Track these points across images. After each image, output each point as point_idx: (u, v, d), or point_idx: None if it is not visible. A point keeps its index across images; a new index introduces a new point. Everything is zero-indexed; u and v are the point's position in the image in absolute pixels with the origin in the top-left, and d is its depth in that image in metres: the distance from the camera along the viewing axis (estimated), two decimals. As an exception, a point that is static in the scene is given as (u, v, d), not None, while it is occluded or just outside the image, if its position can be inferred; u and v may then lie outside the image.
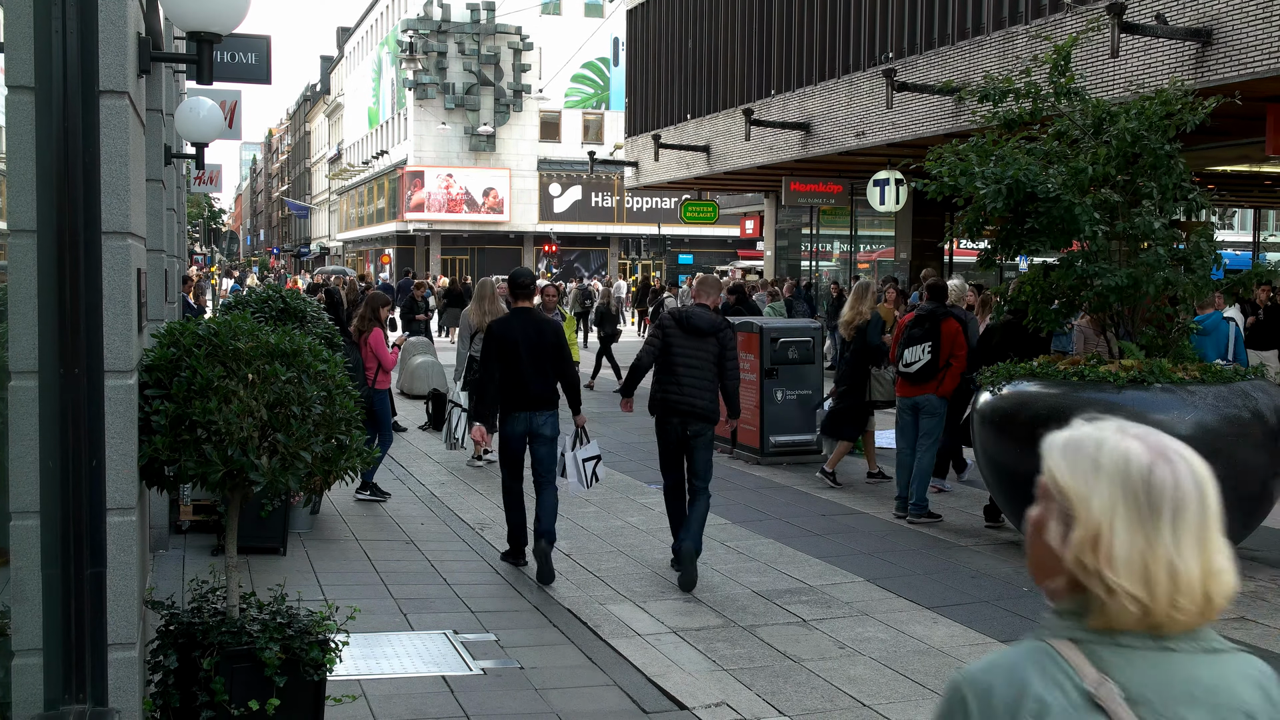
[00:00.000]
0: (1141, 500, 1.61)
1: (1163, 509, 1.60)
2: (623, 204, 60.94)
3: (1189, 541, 1.60)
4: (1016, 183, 8.32)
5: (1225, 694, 1.61)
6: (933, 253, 24.64)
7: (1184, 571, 1.59)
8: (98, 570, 3.54)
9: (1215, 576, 1.61)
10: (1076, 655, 1.62)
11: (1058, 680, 1.61)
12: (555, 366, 8.20)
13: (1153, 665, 1.61)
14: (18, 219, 3.52)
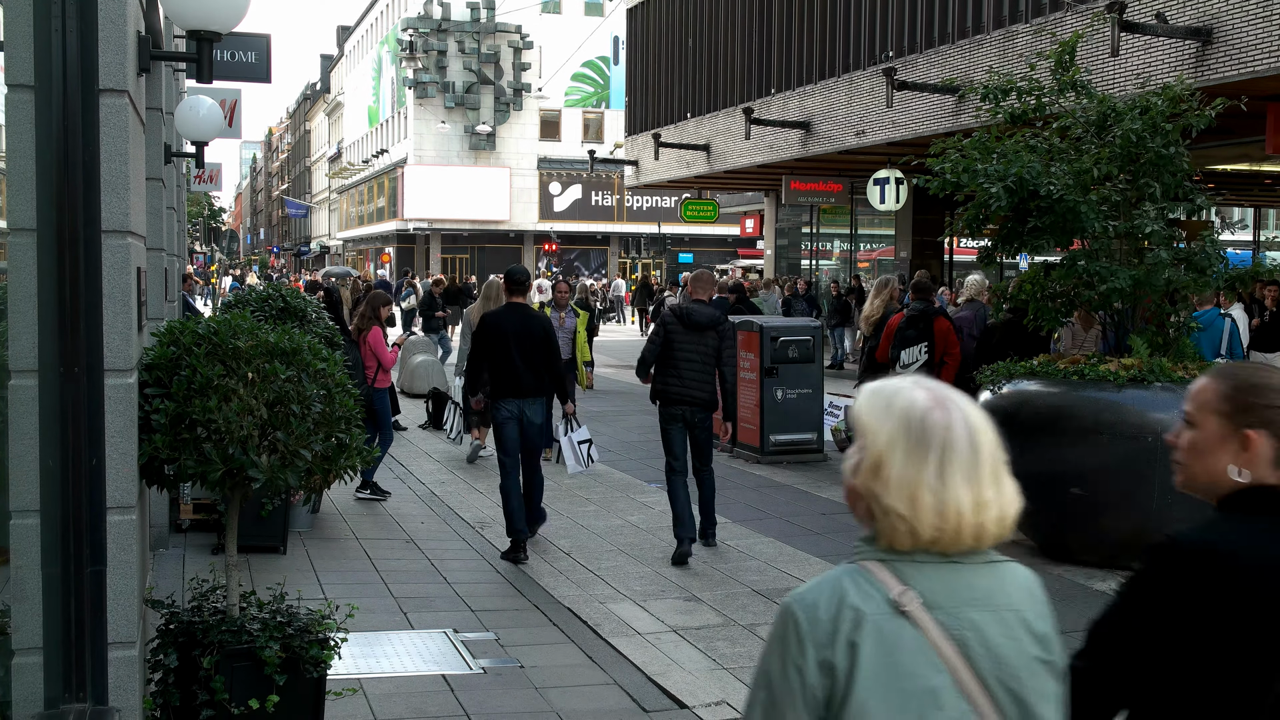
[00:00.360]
0: (916, 437, 1.92)
1: (932, 446, 1.91)
2: (623, 203, 60.94)
3: (956, 475, 1.91)
4: (1020, 180, 8.31)
5: (1000, 595, 1.98)
6: (933, 251, 24.63)
7: (949, 500, 1.90)
8: (98, 569, 3.54)
9: (983, 506, 1.93)
10: (883, 572, 1.94)
11: (869, 593, 1.92)
12: (543, 358, 8.62)
13: (942, 577, 1.94)
14: (17, 217, 3.52)
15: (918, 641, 1.91)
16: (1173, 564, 2.21)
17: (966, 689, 1.91)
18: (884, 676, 1.89)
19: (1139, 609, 2.24)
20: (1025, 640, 2.00)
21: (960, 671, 1.91)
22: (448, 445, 13.49)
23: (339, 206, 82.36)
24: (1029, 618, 2.02)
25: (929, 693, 1.89)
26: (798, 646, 1.92)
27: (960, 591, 1.95)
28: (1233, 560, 2.14)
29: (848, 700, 1.89)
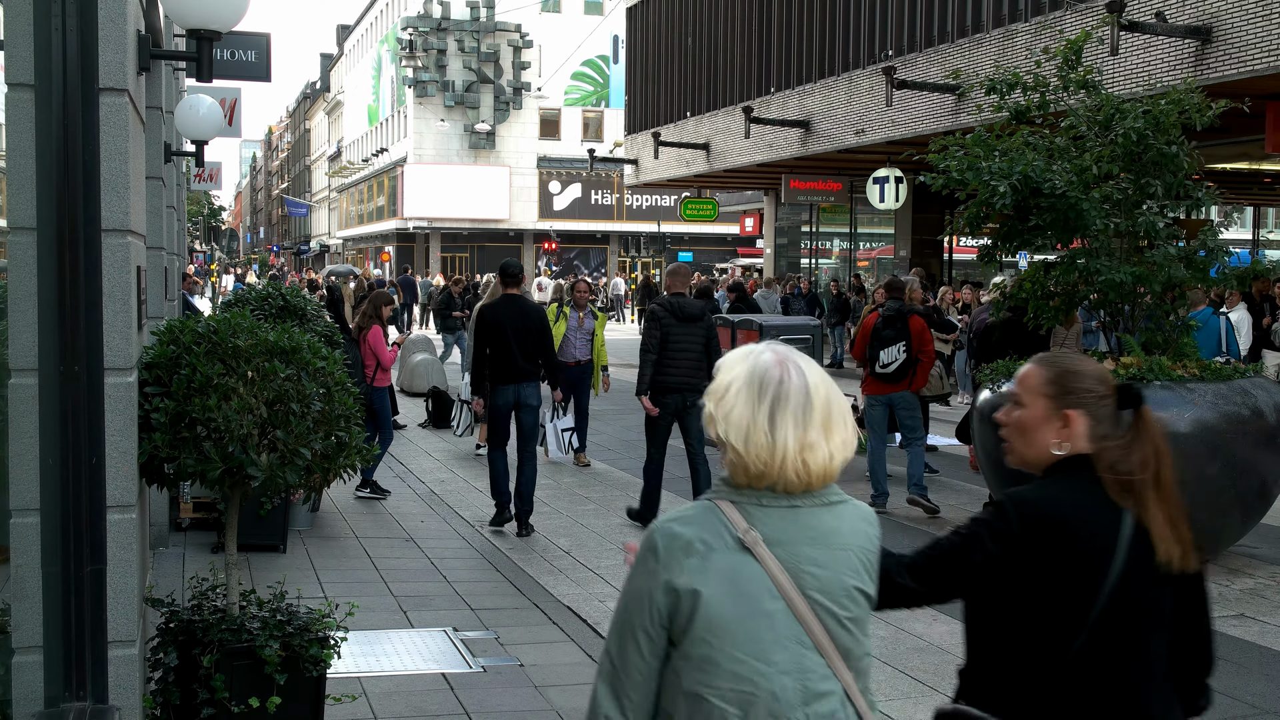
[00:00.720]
0: (757, 387, 2.25)
1: (767, 395, 2.24)
2: (622, 202, 60.93)
3: (786, 422, 2.22)
4: (1025, 177, 8.30)
5: (836, 535, 2.28)
6: (932, 250, 24.64)
7: (778, 440, 2.22)
8: (98, 568, 3.54)
9: (810, 448, 2.23)
10: (732, 511, 2.26)
11: (719, 529, 2.25)
12: (538, 346, 9.23)
13: (784, 517, 2.26)
14: (17, 216, 3.52)
15: (758, 573, 2.23)
16: (1008, 516, 2.55)
17: (799, 613, 2.24)
18: (727, 601, 2.21)
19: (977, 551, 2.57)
20: (850, 573, 2.29)
21: (794, 599, 2.24)
22: (448, 444, 13.50)
23: (339, 205, 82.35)
24: (857, 554, 2.31)
25: (766, 615, 2.22)
26: (653, 569, 2.25)
27: (799, 531, 2.27)
28: (1058, 514, 2.54)
29: (693, 620, 2.21)
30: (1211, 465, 7.78)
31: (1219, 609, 7.26)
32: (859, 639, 2.31)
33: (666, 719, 2.28)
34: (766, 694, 2.21)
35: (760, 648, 2.22)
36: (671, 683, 2.27)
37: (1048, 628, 2.50)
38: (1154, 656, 2.57)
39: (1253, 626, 6.92)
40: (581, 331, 12.43)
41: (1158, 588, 2.56)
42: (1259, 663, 6.32)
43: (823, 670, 2.26)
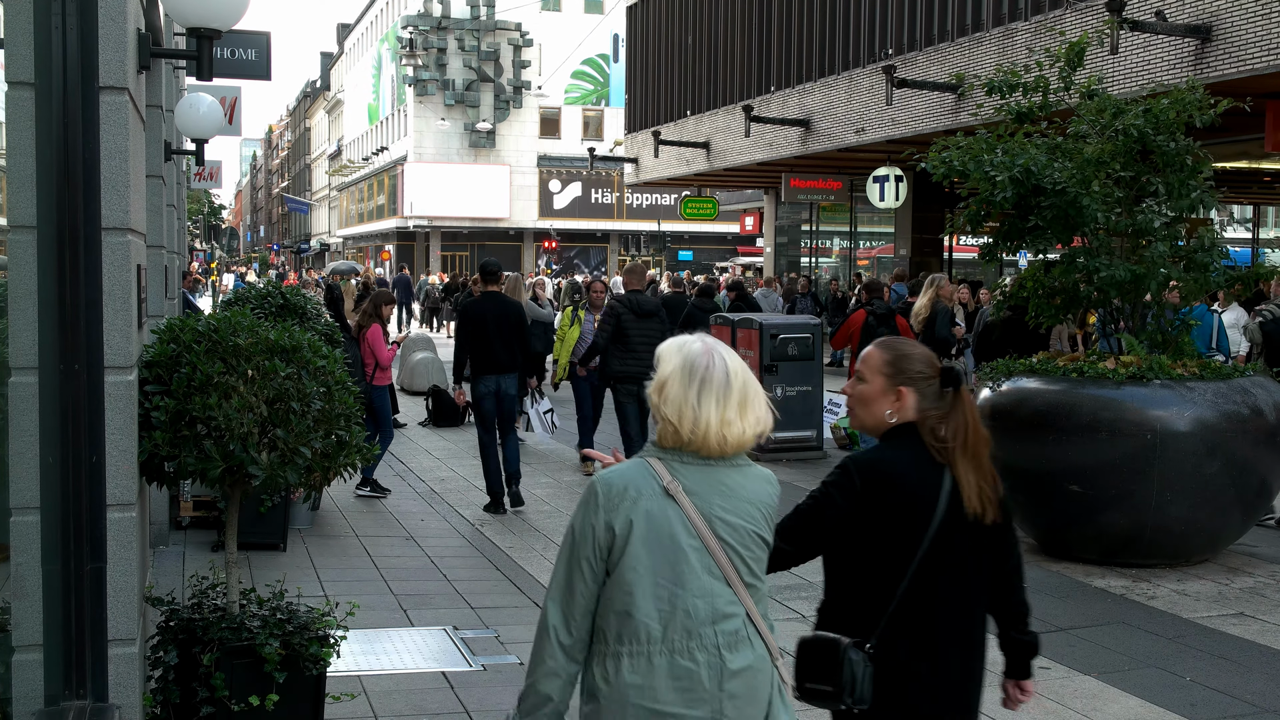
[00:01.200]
0: (689, 371, 2.77)
1: (696, 377, 2.76)
2: (622, 200, 60.91)
3: (710, 400, 2.75)
4: (1026, 171, 8.29)
5: (742, 489, 2.81)
6: (932, 249, 24.63)
7: (701, 415, 2.74)
8: (98, 566, 3.54)
9: (727, 424, 2.76)
10: (660, 466, 2.79)
11: (649, 479, 2.76)
12: (517, 339, 9.94)
13: (700, 473, 2.78)
14: (18, 215, 3.52)
15: (678, 515, 2.75)
16: (852, 475, 3.10)
17: (710, 549, 2.76)
18: (652, 537, 2.72)
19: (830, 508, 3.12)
20: (752, 521, 2.81)
21: (707, 537, 2.75)
22: (448, 442, 13.50)
23: (339, 204, 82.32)
24: (759, 506, 2.84)
25: (683, 549, 2.74)
26: (595, 510, 2.75)
27: (712, 484, 2.79)
28: (893, 472, 3.09)
29: (625, 551, 2.72)
30: (1211, 464, 7.79)
31: (1219, 607, 7.26)
32: (759, 574, 2.84)
33: (601, 634, 2.77)
34: (682, 612, 2.72)
35: (678, 575, 2.73)
36: (606, 603, 2.76)
37: (885, 564, 3.06)
38: (968, 585, 3.14)
39: (1252, 625, 6.92)
40: None
41: (972, 535, 3.11)
42: (1259, 661, 6.33)
43: (729, 596, 2.77)
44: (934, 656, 3.08)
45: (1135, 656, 6.39)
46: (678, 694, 2.71)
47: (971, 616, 3.17)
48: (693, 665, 2.72)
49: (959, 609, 3.12)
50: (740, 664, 2.75)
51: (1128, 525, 7.98)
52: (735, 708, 2.74)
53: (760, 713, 2.79)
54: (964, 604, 3.14)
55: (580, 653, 2.82)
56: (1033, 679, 3.34)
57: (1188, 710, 5.60)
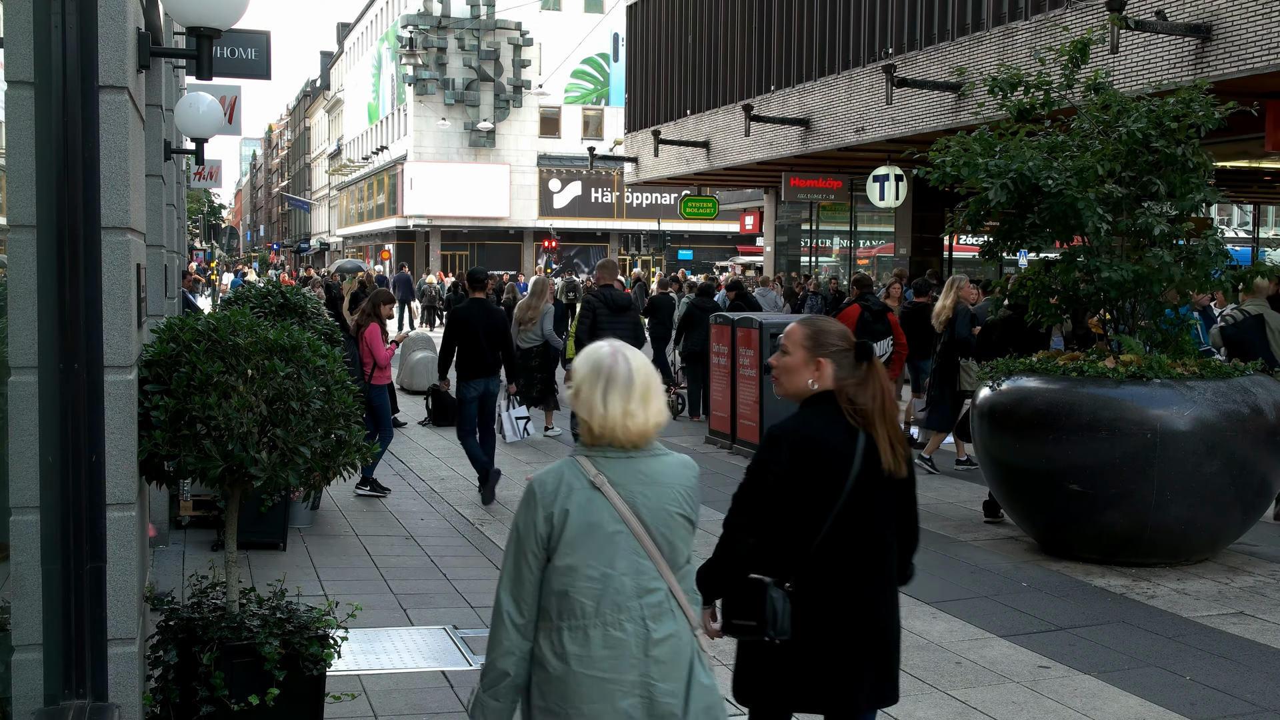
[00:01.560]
0: (596, 372, 3.13)
1: (602, 377, 3.11)
2: (622, 200, 60.90)
3: (615, 397, 3.09)
4: (1021, 176, 8.29)
5: (662, 476, 3.16)
6: (932, 248, 24.64)
7: (608, 410, 3.09)
8: (97, 565, 3.54)
9: (630, 415, 3.09)
10: (586, 462, 3.14)
11: (577, 475, 3.13)
12: (502, 343, 10.48)
13: (622, 465, 3.13)
14: (17, 214, 3.52)
15: (605, 505, 3.11)
16: (791, 440, 3.54)
17: (635, 532, 3.12)
18: (583, 525, 3.09)
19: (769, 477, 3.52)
20: (673, 504, 3.16)
21: (631, 522, 3.11)
22: (447, 441, 13.49)
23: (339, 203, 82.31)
24: (678, 490, 3.18)
25: (611, 535, 3.10)
26: (534, 508, 3.12)
27: (634, 474, 3.14)
28: (815, 435, 3.55)
29: (561, 540, 3.09)
30: (1211, 463, 7.79)
31: (1219, 606, 7.26)
32: (680, 551, 3.20)
33: (545, 612, 3.13)
34: (612, 589, 3.09)
35: (607, 557, 3.10)
36: (547, 586, 3.12)
37: (805, 514, 3.52)
38: (879, 533, 3.61)
39: (1252, 624, 6.92)
40: None
41: (883, 488, 3.58)
42: (1259, 660, 6.33)
43: (653, 573, 3.14)
44: (846, 595, 3.56)
45: (1135, 655, 6.39)
46: (611, 661, 3.09)
47: (882, 561, 3.64)
48: (622, 635, 3.10)
49: (870, 553, 3.60)
50: (664, 633, 3.14)
51: (1128, 524, 7.98)
52: (660, 671, 3.12)
53: (683, 675, 3.17)
54: (875, 549, 3.61)
55: (531, 631, 3.16)
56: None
57: (1188, 709, 5.61)
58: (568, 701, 3.09)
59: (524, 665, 3.17)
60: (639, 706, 3.11)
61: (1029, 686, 5.89)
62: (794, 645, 3.52)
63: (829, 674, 3.57)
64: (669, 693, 3.14)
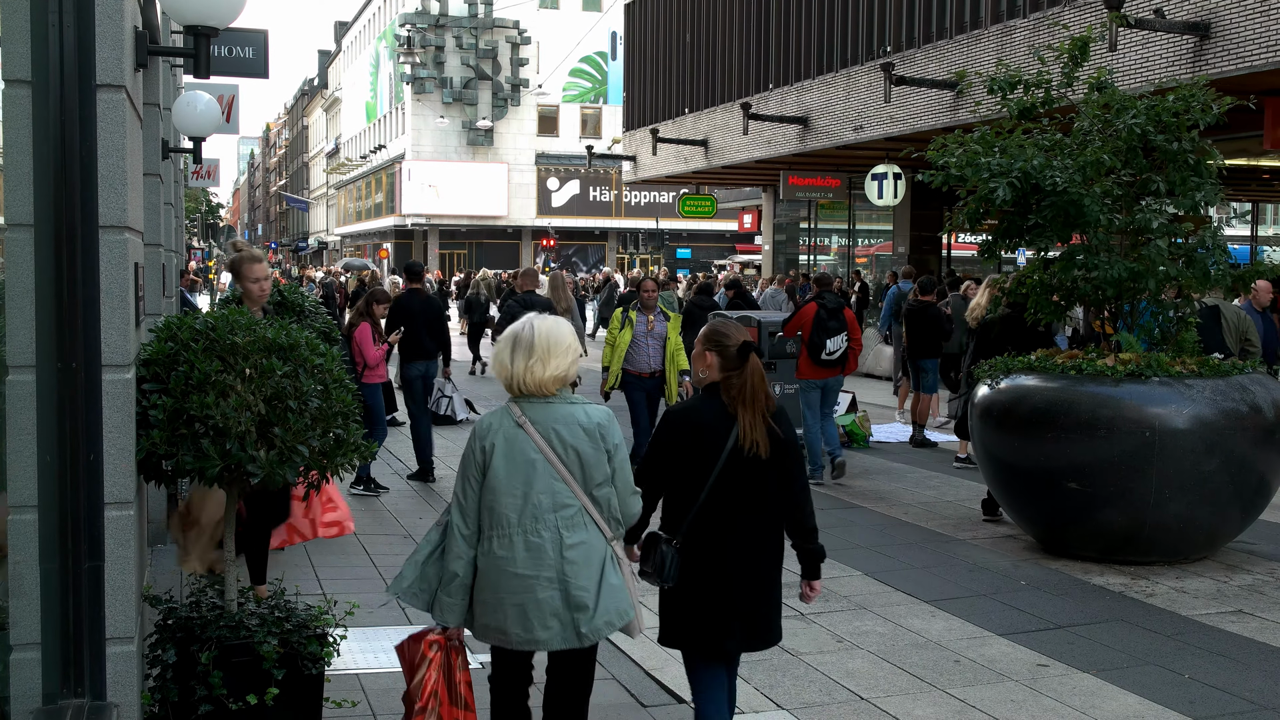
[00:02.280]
0: (511, 340, 4.04)
1: (511, 342, 4.03)
2: (621, 198, 60.89)
3: (519, 356, 3.98)
4: (1024, 174, 8.28)
5: (573, 418, 4.00)
6: (931, 246, 24.63)
7: (512, 367, 3.99)
8: (96, 564, 3.54)
9: (529, 370, 3.96)
10: (514, 406, 4.03)
11: (505, 416, 4.04)
12: (439, 330, 11.83)
13: (541, 408, 4.01)
14: (15, 213, 3.52)
15: (527, 439, 3.99)
16: (673, 421, 4.40)
17: (550, 460, 3.98)
18: (508, 454, 3.99)
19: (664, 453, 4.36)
20: (581, 441, 4.01)
21: (547, 452, 3.98)
22: (445, 440, 13.47)
23: (337, 202, 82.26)
24: (586, 429, 4.02)
25: (530, 461, 3.98)
26: (474, 440, 4.07)
27: (549, 415, 4.03)
28: (697, 419, 4.33)
29: (491, 465, 3.98)
30: (1210, 461, 7.79)
31: (1218, 605, 7.26)
32: (592, 476, 4.02)
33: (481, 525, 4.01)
34: (531, 504, 3.95)
35: (527, 479, 3.96)
36: (482, 502, 4.00)
37: (690, 483, 4.27)
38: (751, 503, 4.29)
39: (1251, 622, 6.93)
40: (652, 337, 11.31)
41: (755, 464, 4.26)
42: (1257, 659, 6.33)
43: (566, 492, 3.98)
44: (720, 552, 4.26)
45: (1134, 654, 6.39)
46: (531, 561, 3.93)
47: (755, 526, 4.30)
48: (539, 540, 3.94)
49: (743, 519, 4.28)
50: (575, 540, 3.96)
51: (1126, 523, 7.98)
52: (573, 570, 3.94)
53: (595, 574, 3.98)
54: (748, 516, 4.28)
55: (475, 540, 4.01)
56: (820, 580, 4.49)
57: (1186, 708, 5.61)
58: (499, 593, 3.94)
59: (470, 568, 3.99)
60: (557, 597, 3.92)
61: (1028, 685, 5.90)
62: (679, 592, 4.29)
63: (704, 620, 4.27)
64: (582, 587, 3.94)
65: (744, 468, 4.23)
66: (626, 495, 4.11)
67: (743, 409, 4.24)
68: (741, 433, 4.22)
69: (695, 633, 4.29)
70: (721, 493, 4.22)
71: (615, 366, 11.32)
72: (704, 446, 4.23)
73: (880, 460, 12.60)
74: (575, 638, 3.94)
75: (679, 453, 4.28)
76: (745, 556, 4.26)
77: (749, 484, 4.26)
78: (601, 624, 3.97)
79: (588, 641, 3.97)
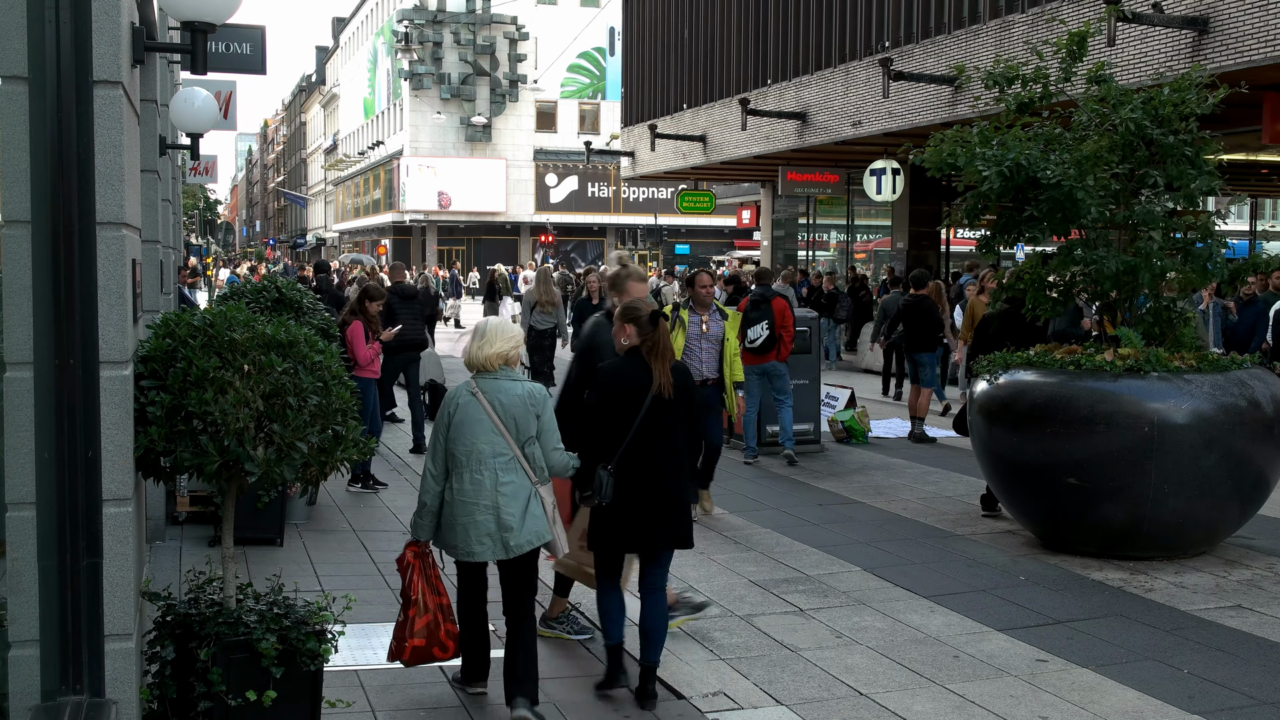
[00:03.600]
0: (472, 330, 5.44)
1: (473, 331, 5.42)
2: (619, 194, 60.86)
3: (473, 341, 5.33)
4: (1017, 165, 8.27)
5: (514, 390, 5.29)
6: (929, 242, 24.60)
7: (471, 351, 5.32)
8: (94, 561, 3.53)
9: (478, 350, 5.28)
10: (471, 381, 5.33)
11: (465, 389, 5.34)
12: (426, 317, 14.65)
13: (490, 382, 5.29)
14: (12, 210, 3.51)
15: (477, 405, 5.23)
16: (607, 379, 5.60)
17: (494, 420, 5.21)
18: (465, 416, 5.24)
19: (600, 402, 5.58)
20: (519, 407, 5.24)
21: (493, 415, 5.20)
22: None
23: (335, 199, 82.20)
24: (524, 399, 5.25)
25: (480, 420, 5.21)
26: (442, 406, 5.35)
27: (495, 388, 5.25)
28: (621, 374, 5.55)
29: (452, 423, 5.25)
30: (1209, 456, 7.79)
31: (1217, 600, 7.27)
32: (524, 432, 5.27)
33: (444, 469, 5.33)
34: (477, 451, 5.23)
35: (475, 433, 5.22)
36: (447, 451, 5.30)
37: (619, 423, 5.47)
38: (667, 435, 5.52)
39: (1249, 618, 6.93)
40: (706, 340, 9.46)
41: (669, 406, 5.51)
42: (1256, 654, 6.33)
43: (503, 444, 5.24)
44: (645, 474, 5.49)
45: (1133, 649, 6.39)
46: (474, 493, 5.24)
47: (670, 452, 5.56)
48: (481, 478, 5.24)
49: (661, 448, 5.52)
50: (508, 480, 5.25)
51: (1125, 518, 7.98)
52: (504, 500, 5.23)
53: (521, 505, 5.25)
54: (665, 445, 5.53)
55: (441, 480, 5.35)
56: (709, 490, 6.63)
57: (1185, 703, 5.61)
58: (453, 515, 5.31)
59: (437, 500, 5.36)
60: (492, 521, 5.23)
61: (1027, 680, 5.90)
62: (614, 507, 5.47)
63: (634, 526, 5.51)
64: (510, 514, 5.23)
65: (659, 407, 5.48)
66: (549, 451, 5.33)
67: (656, 361, 5.49)
68: (656, 380, 5.46)
69: (625, 535, 5.56)
70: (644, 428, 5.46)
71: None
72: (632, 395, 5.47)
73: (879, 455, 12.60)
74: (504, 551, 5.25)
75: (614, 402, 5.51)
76: (665, 476, 5.51)
77: (662, 419, 5.51)
78: (524, 541, 5.24)
79: (514, 554, 5.25)
